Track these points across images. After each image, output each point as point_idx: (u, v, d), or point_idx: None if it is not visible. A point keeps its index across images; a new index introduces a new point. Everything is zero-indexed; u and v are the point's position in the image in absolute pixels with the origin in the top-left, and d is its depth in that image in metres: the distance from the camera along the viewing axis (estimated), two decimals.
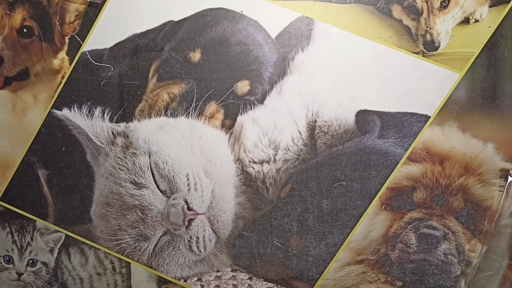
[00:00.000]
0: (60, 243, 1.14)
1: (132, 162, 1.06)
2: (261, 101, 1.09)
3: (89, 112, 1.10)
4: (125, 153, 1.07)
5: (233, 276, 1.09)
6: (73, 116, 1.10)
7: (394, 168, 1.04)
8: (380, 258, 1.06)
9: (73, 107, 1.11)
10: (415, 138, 1.04)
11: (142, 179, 1.04)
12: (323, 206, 1.05)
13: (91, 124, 1.09)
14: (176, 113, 1.08)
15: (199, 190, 1.03)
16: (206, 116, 1.08)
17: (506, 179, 1.03)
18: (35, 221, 1.14)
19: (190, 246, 1.04)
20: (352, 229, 1.05)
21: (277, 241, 1.07)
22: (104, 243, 1.10)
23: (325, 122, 1.06)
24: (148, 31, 1.10)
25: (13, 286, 1.13)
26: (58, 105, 1.12)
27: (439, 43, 1.04)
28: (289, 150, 1.07)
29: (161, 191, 1.04)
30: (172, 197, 1.03)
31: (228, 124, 1.09)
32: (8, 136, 1.14)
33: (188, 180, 1.03)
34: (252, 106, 1.08)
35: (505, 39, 1.03)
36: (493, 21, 1.03)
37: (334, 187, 1.05)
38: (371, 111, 1.04)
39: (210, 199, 1.04)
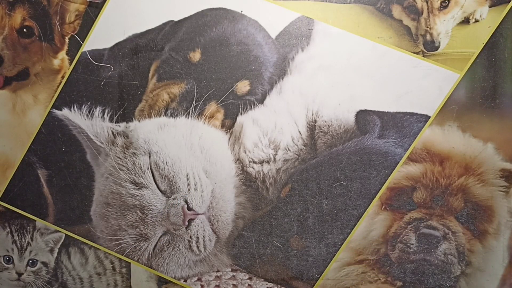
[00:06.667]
0: (60, 243, 1.14)
1: (132, 162, 1.06)
2: (261, 101, 1.09)
3: (89, 112, 1.10)
4: (125, 153, 1.07)
5: (233, 276, 1.09)
6: (73, 116, 1.10)
7: (394, 168, 1.04)
8: (380, 258, 1.06)
9: (73, 107, 1.11)
10: (415, 138, 1.04)
11: (142, 179, 1.04)
12: (323, 206, 1.05)
13: (91, 124, 1.09)
14: (176, 113, 1.08)
15: (199, 190, 1.03)
16: (206, 116, 1.08)
17: (507, 179, 1.03)
18: (35, 221, 1.14)
19: (190, 246, 1.04)
20: (352, 229, 1.05)
21: (277, 241, 1.07)
22: (104, 243, 1.10)
23: (325, 122, 1.06)
24: (148, 31, 1.10)
25: (13, 286, 1.13)
26: (58, 105, 1.12)
27: (439, 43, 1.04)
28: (289, 150, 1.07)
29: (161, 191, 1.04)
30: (172, 197, 1.03)
31: (228, 124, 1.09)
32: (8, 136, 1.14)
33: (188, 180, 1.03)
34: (252, 106, 1.08)
35: (505, 39, 1.03)
36: (493, 21, 1.03)
37: (334, 187, 1.05)
38: (371, 111, 1.04)
39: (210, 199, 1.04)
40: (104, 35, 1.10)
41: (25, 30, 1.12)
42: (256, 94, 1.09)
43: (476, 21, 1.04)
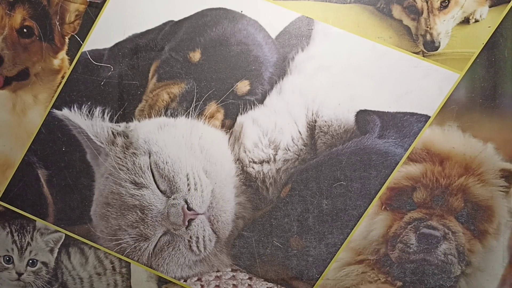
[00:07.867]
0: (60, 243, 1.14)
1: (132, 162, 1.06)
2: (261, 101, 1.09)
3: (89, 112, 1.10)
4: (125, 153, 1.07)
5: (233, 276, 1.09)
6: (73, 116, 1.10)
7: (394, 168, 1.04)
8: (380, 258, 1.06)
9: (73, 107, 1.11)
10: (415, 138, 1.04)
11: (142, 179, 1.04)
12: (323, 206, 1.05)
13: (91, 124, 1.09)
14: (176, 113, 1.08)
15: (199, 190, 1.03)
16: (206, 116, 1.08)
17: (507, 179, 1.03)
18: (35, 221, 1.14)
19: (190, 246, 1.04)
20: (352, 229, 1.05)
21: (277, 241, 1.07)
22: (104, 243, 1.10)
23: (325, 122, 1.06)
24: (148, 31, 1.10)
25: (13, 286, 1.13)
26: (58, 105, 1.12)
27: (439, 43, 1.04)
28: (289, 150, 1.07)
29: (161, 191, 1.04)
30: (172, 197, 1.03)
31: (228, 124, 1.09)
32: (8, 136, 1.14)
33: (188, 180, 1.03)
34: (252, 106, 1.08)
35: (505, 39, 1.03)
36: (493, 21, 1.03)
37: (334, 187, 1.05)
38: (371, 111, 1.04)
39: (210, 199, 1.04)
40: (104, 35, 1.10)
41: (25, 30, 1.12)
42: (256, 94, 1.09)
43: (476, 21, 1.04)
